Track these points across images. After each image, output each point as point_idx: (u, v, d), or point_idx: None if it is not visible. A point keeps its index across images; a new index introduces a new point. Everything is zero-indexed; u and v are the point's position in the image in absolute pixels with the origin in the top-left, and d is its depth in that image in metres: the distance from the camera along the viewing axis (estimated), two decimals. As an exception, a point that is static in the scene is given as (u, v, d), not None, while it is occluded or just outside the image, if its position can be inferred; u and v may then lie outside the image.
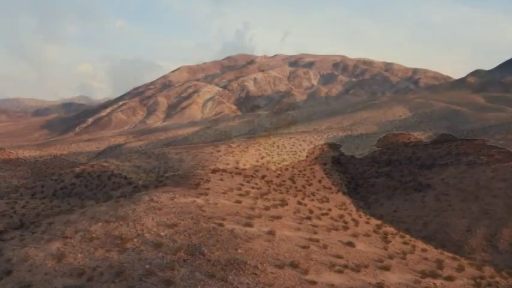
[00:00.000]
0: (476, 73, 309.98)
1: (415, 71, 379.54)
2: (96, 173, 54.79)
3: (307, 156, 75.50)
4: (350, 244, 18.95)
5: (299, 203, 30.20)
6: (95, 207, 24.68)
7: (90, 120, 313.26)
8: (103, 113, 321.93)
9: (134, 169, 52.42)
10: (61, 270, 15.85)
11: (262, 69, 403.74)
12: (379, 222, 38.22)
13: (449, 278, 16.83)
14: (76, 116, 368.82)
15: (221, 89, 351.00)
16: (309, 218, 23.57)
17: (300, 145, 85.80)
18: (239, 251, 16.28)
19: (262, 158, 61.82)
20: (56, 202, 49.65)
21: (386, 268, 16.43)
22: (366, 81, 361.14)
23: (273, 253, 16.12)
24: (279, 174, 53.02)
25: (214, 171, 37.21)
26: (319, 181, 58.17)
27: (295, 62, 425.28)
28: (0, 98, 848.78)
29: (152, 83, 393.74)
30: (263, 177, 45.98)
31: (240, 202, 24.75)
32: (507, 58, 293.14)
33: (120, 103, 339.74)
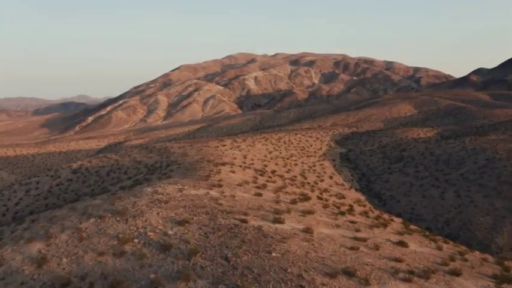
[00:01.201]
0: (478, 71, 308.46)
1: (416, 69, 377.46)
2: (94, 168, 51.56)
3: (315, 152, 72.29)
4: (402, 244, 15.65)
5: (319, 198, 27.01)
6: (87, 201, 21.09)
7: (90, 118, 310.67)
8: (103, 112, 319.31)
9: (135, 164, 49.16)
10: (40, 279, 12.38)
11: (263, 67, 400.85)
12: (400, 220, 34.93)
13: (525, 284, 13.62)
14: (76, 115, 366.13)
15: (222, 87, 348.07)
16: (342, 214, 20.30)
17: (307, 141, 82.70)
18: (274, 254, 12.66)
19: (270, 152, 58.61)
20: (51, 199, 46.58)
21: (456, 273, 13.19)
22: (368, 80, 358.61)
23: (316, 256, 12.64)
24: (289, 170, 49.80)
25: (223, 164, 33.99)
26: (331, 177, 54.97)
27: (296, 61, 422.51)
28: (1, 97, 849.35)
29: (153, 81, 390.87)
30: (273, 172, 42.77)
31: (260, 195, 21.32)
32: (509, 57, 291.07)
33: (121, 101, 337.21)
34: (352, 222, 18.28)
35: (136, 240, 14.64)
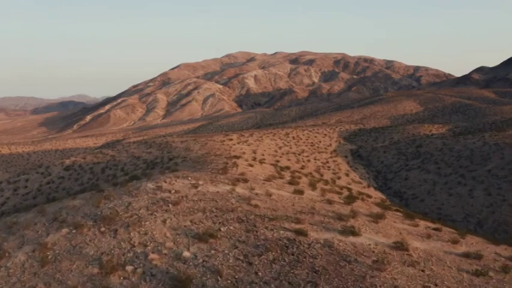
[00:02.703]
0: (480, 70, 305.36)
1: (417, 68, 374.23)
2: (88, 165, 47.04)
3: (325, 148, 67.88)
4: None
5: (355, 197, 22.53)
6: (64, 202, 15.40)
7: (88, 117, 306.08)
8: (102, 110, 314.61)
9: (133, 160, 44.63)
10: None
11: (262, 66, 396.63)
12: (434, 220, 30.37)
13: None
14: (74, 114, 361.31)
15: (221, 86, 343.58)
16: (411, 217, 15.55)
17: (315, 137, 78.32)
18: (375, 294, 7.85)
19: (280, 148, 54.17)
20: (41, 198, 42.00)
21: None
22: (368, 78, 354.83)
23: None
24: (303, 166, 45.40)
25: (236, 157, 29.51)
26: (347, 174, 50.63)
27: (295, 60, 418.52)
28: (0, 97, 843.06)
29: (152, 80, 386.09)
30: (287, 168, 38.32)
31: (301, 193, 15.76)
32: (511, 55, 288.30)
33: (119, 100, 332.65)
34: (436, 229, 13.68)
35: (129, 268, 9.25)
